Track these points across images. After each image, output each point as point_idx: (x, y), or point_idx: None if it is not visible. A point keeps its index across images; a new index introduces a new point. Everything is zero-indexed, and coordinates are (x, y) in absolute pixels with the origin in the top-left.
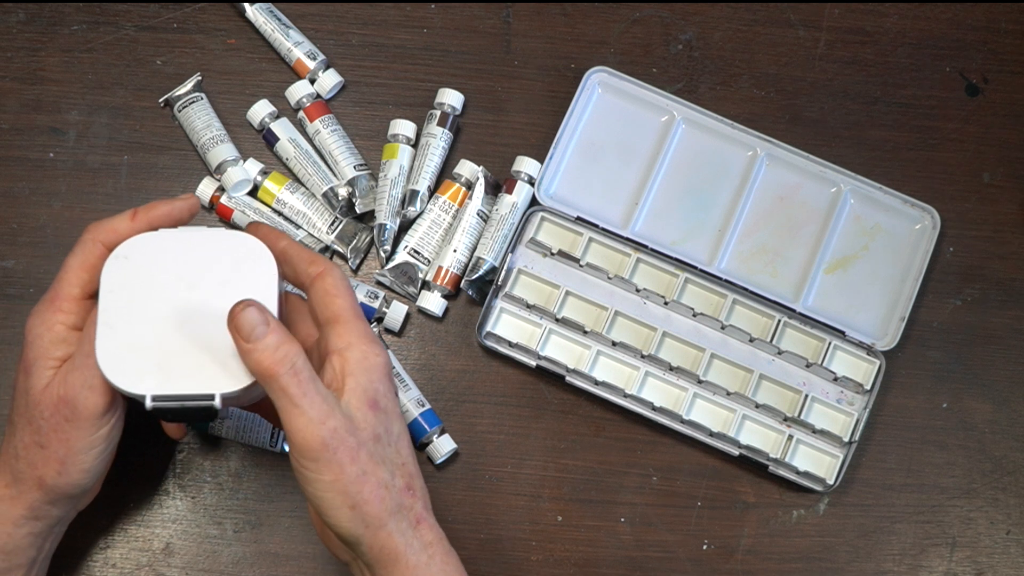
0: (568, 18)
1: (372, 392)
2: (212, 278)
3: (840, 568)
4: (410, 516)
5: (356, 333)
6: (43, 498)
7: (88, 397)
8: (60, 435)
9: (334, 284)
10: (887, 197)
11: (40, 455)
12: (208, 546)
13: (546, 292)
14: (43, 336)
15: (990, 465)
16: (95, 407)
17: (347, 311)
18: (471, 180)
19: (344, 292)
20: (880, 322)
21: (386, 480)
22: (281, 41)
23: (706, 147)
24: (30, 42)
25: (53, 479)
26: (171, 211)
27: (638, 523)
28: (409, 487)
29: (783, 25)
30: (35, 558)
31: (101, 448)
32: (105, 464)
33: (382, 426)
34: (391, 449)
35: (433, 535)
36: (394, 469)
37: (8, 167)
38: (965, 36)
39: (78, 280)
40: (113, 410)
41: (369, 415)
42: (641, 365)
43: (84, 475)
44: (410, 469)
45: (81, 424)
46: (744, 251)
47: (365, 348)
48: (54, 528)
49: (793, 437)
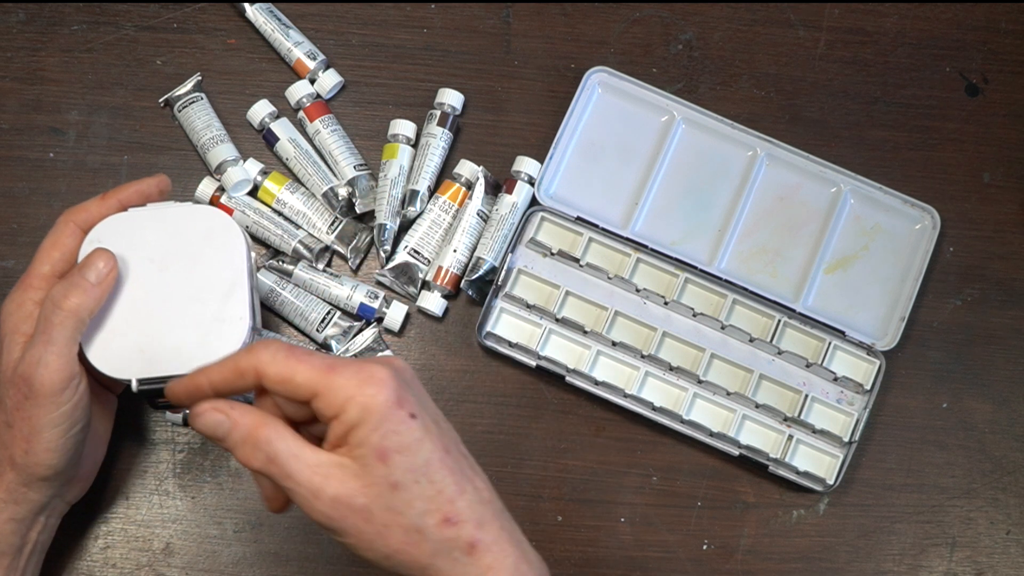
0: (568, 18)
1: (378, 441)
2: (184, 255)
3: (840, 568)
4: (459, 546)
5: (341, 391)
6: (17, 480)
7: (43, 374)
8: (22, 412)
9: (279, 373)
10: (887, 197)
11: (8, 434)
12: (208, 546)
13: (546, 292)
14: (13, 313)
15: (990, 465)
16: (51, 384)
17: (313, 381)
18: (471, 180)
19: (295, 368)
20: (880, 322)
21: (415, 524)
22: (281, 41)
23: (706, 147)
24: (30, 42)
25: (21, 458)
26: (140, 189)
27: (638, 523)
28: (448, 519)
29: (783, 25)
30: (20, 547)
31: (65, 426)
32: (75, 445)
33: (399, 470)
34: (419, 486)
35: (492, 556)
36: (426, 507)
37: (8, 167)
38: (965, 36)
39: (48, 258)
40: (71, 387)
41: (379, 468)
42: (641, 365)
43: (51, 455)
44: (449, 494)
45: (39, 401)
46: (744, 251)
47: (360, 399)
48: (38, 517)
49: (793, 437)
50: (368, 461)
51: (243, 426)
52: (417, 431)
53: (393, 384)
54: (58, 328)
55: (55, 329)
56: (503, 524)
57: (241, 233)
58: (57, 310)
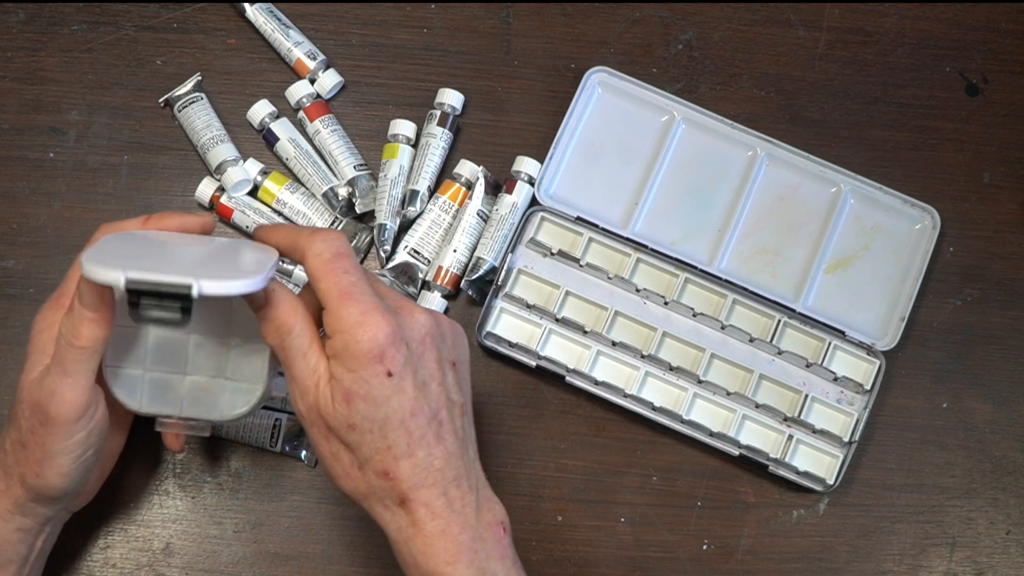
0: (568, 18)
1: (348, 382)
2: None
3: (840, 568)
4: (392, 496)
5: (339, 319)
6: (26, 496)
7: (58, 405)
8: (36, 437)
9: (312, 269)
10: (887, 197)
11: (22, 454)
12: (208, 546)
13: (546, 292)
14: (43, 332)
15: (990, 465)
16: (66, 414)
17: (328, 296)
18: (471, 180)
19: (324, 274)
20: (880, 322)
21: (359, 462)
22: (281, 41)
23: (706, 147)
24: (30, 42)
25: (32, 480)
26: (183, 223)
27: (638, 523)
28: (386, 472)
29: (783, 25)
30: (26, 556)
31: (77, 454)
32: (87, 468)
33: (359, 415)
34: (371, 435)
35: (421, 513)
36: (371, 455)
37: (8, 167)
38: (965, 36)
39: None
40: (87, 416)
41: (341, 407)
42: (641, 365)
43: (62, 479)
44: (395, 452)
45: (54, 429)
46: (744, 251)
47: (347, 336)
48: (45, 527)
49: (793, 437)
50: (336, 395)
51: (276, 307)
52: (387, 388)
53: (383, 337)
54: (72, 363)
55: (69, 363)
56: (447, 491)
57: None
58: (70, 348)
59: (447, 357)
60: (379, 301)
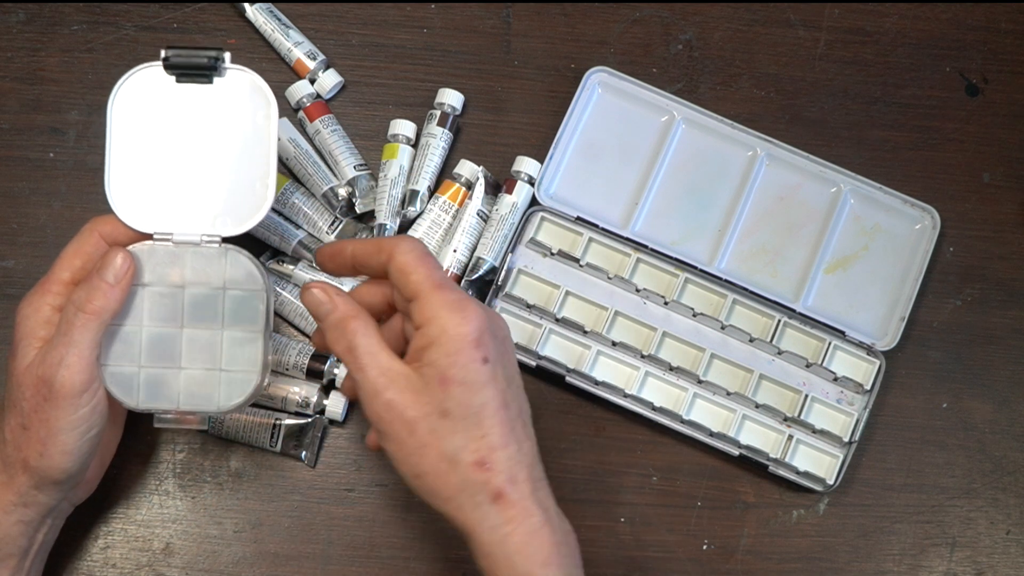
0: (568, 18)
1: (445, 366)
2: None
3: (840, 568)
4: (486, 491)
5: (435, 306)
6: (29, 482)
7: (64, 375)
8: (40, 415)
9: (404, 263)
10: (887, 197)
11: (24, 436)
12: (208, 546)
13: (546, 292)
14: (30, 317)
15: (990, 465)
16: (72, 385)
17: (422, 286)
18: (471, 180)
19: (416, 267)
20: (880, 322)
21: (451, 454)
22: (281, 41)
23: (706, 147)
24: (30, 42)
25: (36, 460)
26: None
27: (638, 523)
28: (482, 462)
29: (783, 25)
30: (27, 549)
31: (82, 430)
32: (89, 449)
33: (453, 401)
34: (466, 423)
35: (516, 511)
36: (466, 444)
37: (8, 167)
38: (965, 36)
39: (69, 265)
40: (91, 391)
41: (437, 391)
42: (641, 365)
43: (66, 457)
44: (491, 441)
45: (59, 403)
46: (744, 251)
47: (444, 321)
48: (46, 519)
49: (793, 437)
50: (430, 381)
51: (340, 312)
52: (484, 374)
53: (479, 325)
54: (79, 330)
55: (76, 331)
56: (536, 487)
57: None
58: (80, 313)
59: (512, 353)
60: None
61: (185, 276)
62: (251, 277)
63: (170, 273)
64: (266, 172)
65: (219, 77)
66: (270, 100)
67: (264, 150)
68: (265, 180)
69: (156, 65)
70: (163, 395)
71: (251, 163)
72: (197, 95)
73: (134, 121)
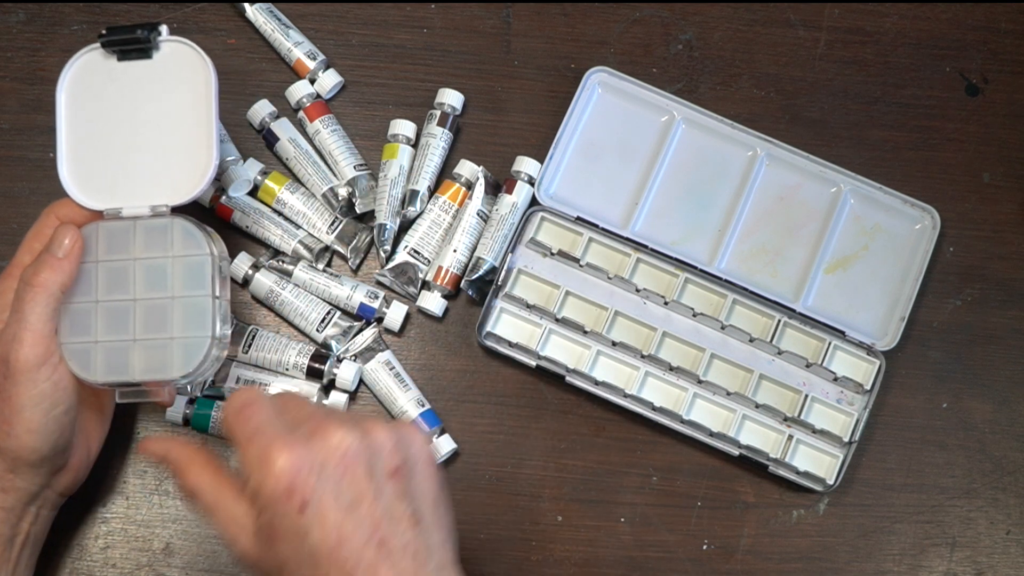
0: (568, 18)
1: (266, 520)
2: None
3: (840, 568)
4: None
5: (245, 464)
6: (3, 465)
7: (17, 351)
8: (3, 394)
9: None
10: (887, 197)
11: None
12: (208, 546)
13: (546, 292)
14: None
15: (990, 465)
16: (25, 360)
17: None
18: (471, 180)
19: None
20: (880, 322)
21: None
22: (281, 41)
23: (706, 147)
24: (30, 42)
25: (4, 441)
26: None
27: (638, 523)
28: None
29: (783, 25)
30: (11, 537)
31: (45, 407)
32: (58, 428)
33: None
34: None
35: None
36: None
37: (8, 167)
38: (965, 36)
39: (30, 249)
40: (49, 365)
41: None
42: (641, 365)
43: (33, 436)
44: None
45: (17, 379)
46: (744, 251)
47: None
48: (28, 507)
49: (793, 437)
50: (263, 534)
51: (174, 463)
52: (303, 522)
53: (288, 470)
54: (29, 304)
55: (26, 306)
56: None
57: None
58: (28, 287)
59: (384, 467)
60: (287, 432)
61: (136, 249)
62: (197, 242)
63: (122, 247)
64: (208, 138)
65: (157, 51)
66: (208, 66)
67: (205, 116)
68: (208, 147)
69: (98, 47)
70: (120, 367)
71: (194, 132)
72: (140, 72)
73: (82, 104)
